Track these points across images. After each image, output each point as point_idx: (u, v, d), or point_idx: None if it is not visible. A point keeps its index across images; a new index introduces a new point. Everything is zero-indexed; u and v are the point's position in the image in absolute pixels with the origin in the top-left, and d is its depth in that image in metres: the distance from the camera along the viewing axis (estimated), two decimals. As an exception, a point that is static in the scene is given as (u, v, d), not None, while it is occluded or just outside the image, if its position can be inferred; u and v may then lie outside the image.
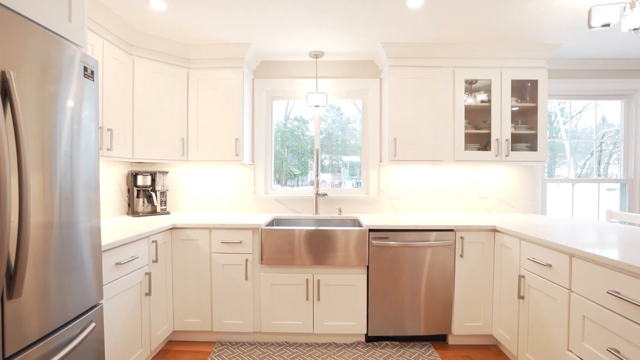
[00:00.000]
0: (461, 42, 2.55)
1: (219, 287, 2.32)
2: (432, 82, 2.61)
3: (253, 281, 2.32)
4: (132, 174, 2.64)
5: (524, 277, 1.96)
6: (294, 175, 3.10)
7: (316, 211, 2.83)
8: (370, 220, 2.49)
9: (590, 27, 1.75)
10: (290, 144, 3.09)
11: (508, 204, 2.95)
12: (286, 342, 2.38)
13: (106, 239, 1.67)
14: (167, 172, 2.79)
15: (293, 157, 3.09)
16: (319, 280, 2.30)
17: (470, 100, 2.72)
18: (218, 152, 2.63)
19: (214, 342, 2.38)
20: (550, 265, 1.74)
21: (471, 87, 2.83)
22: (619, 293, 1.34)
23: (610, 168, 3.15)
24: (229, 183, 2.94)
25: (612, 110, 3.11)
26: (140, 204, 2.68)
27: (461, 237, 2.28)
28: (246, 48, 2.58)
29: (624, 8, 1.71)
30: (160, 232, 2.15)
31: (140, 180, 2.64)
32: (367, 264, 2.29)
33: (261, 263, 2.28)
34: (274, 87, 2.96)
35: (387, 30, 2.37)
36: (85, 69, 1.28)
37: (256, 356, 2.19)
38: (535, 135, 2.64)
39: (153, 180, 2.71)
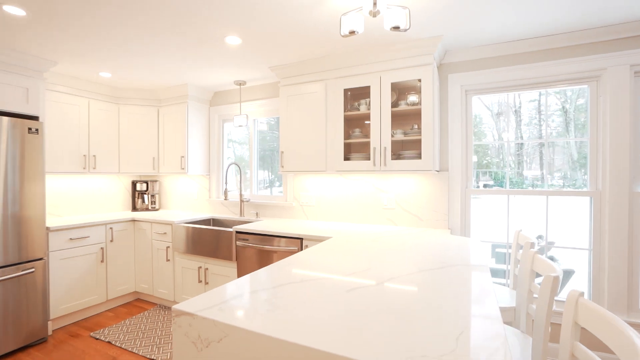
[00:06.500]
0: (336, 53, 2.59)
1: (155, 264, 3.22)
2: (314, 96, 2.73)
3: (174, 263, 3.11)
4: (133, 182, 3.88)
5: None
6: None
7: (241, 213, 3.36)
8: (252, 225, 2.86)
9: (341, 35, 1.72)
10: None
11: (417, 216, 2.66)
12: (195, 315, 3.04)
13: (66, 223, 2.81)
14: (157, 181, 3.92)
15: None
16: (207, 268, 2.87)
17: (364, 108, 2.66)
18: (173, 167, 3.55)
19: (156, 304, 3.30)
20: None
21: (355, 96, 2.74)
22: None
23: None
24: (194, 189, 3.83)
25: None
26: (140, 202, 3.90)
27: (305, 245, 2.39)
28: (185, 88, 3.41)
29: (369, 12, 1.59)
30: (118, 222, 3.21)
31: (138, 187, 3.85)
32: (235, 259, 2.70)
33: (174, 250, 3.05)
34: (223, 112, 3.67)
35: (272, 57, 2.70)
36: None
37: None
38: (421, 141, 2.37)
39: (148, 187, 3.88)
